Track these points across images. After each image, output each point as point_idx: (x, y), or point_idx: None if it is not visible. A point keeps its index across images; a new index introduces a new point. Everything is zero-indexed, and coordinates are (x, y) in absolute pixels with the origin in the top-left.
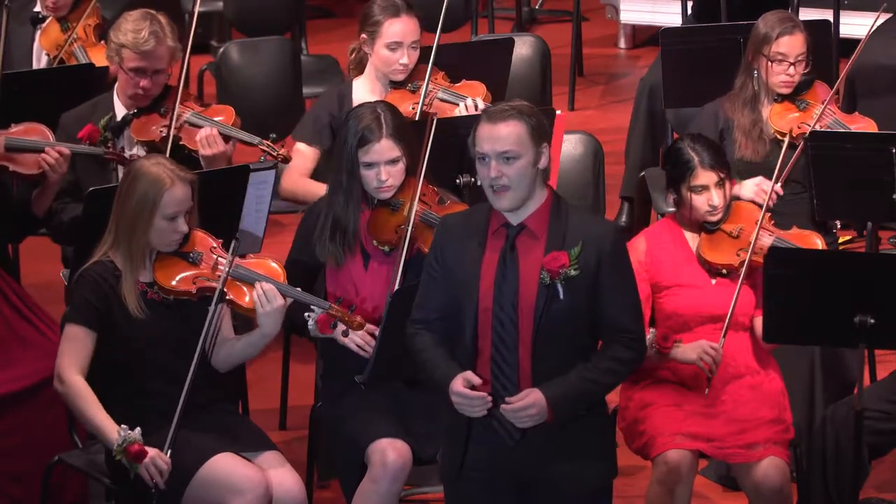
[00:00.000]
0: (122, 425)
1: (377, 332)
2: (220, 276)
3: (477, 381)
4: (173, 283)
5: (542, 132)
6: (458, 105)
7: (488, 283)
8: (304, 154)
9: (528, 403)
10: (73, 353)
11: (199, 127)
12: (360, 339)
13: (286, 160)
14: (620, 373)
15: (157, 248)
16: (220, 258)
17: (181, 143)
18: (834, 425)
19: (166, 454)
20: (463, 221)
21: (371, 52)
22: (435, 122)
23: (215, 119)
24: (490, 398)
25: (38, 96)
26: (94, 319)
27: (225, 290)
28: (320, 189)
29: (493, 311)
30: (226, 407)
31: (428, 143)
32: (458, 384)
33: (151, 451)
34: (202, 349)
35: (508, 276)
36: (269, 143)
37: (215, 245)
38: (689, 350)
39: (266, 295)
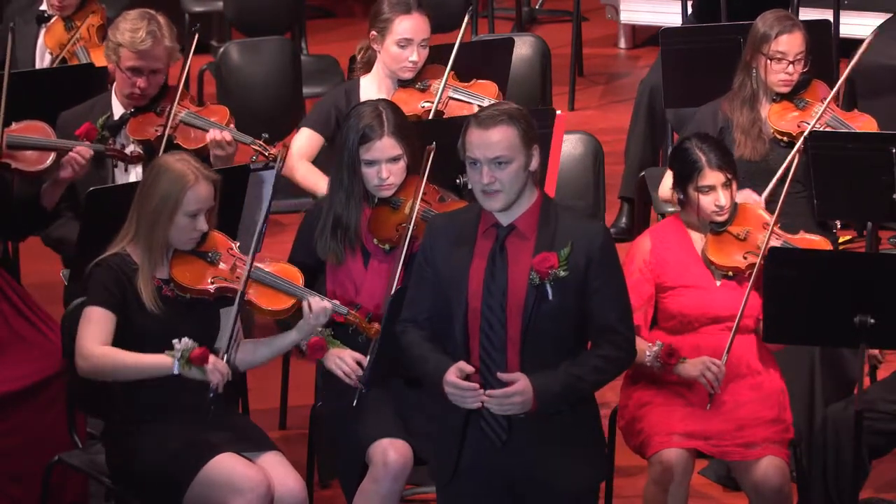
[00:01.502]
0: (173, 340)
1: (365, 362)
2: (239, 278)
3: (469, 369)
4: (192, 281)
5: (532, 135)
6: (472, 105)
7: (477, 283)
8: (307, 137)
9: (514, 391)
10: (95, 332)
11: (194, 126)
12: (347, 367)
13: (276, 160)
14: (607, 371)
15: (176, 245)
16: (238, 260)
17: (175, 142)
18: (834, 425)
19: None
20: (452, 222)
21: (380, 49)
22: (433, 153)
23: (210, 119)
24: (482, 390)
25: (38, 95)
26: (113, 303)
27: (245, 291)
28: (318, 178)
29: (482, 311)
30: (227, 407)
31: (425, 172)
32: (452, 374)
33: (211, 356)
34: (228, 347)
35: (497, 277)
36: (261, 143)
37: (232, 246)
38: (691, 367)
39: (323, 313)
